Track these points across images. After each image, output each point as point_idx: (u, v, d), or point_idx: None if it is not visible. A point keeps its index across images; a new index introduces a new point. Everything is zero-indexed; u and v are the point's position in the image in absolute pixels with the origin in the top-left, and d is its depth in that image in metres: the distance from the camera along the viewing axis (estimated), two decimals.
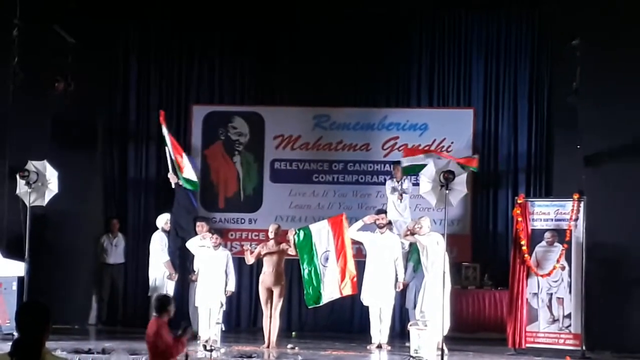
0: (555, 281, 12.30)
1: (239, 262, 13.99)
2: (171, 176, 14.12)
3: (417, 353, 11.27)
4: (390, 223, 13.21)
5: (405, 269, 13.01)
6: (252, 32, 15.58)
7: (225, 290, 12.84)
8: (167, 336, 8.38)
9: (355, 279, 12.41)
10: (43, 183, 12.60)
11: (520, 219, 12.46)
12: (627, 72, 12.70)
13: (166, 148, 13.89)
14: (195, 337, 10.99)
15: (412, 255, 13.15)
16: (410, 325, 11.80)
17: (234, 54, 15.80)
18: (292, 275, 14.12)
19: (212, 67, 15.89)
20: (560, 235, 12.33)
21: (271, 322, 12.43)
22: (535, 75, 15.24)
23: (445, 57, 15.52)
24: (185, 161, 13.65)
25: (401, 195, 14.01)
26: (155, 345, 8.38)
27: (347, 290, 12.41)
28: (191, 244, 13.29)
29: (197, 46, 15.88)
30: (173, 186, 14.12)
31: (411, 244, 13.01)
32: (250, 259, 12.69)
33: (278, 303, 12.46)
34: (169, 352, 8.41)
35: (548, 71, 15.07)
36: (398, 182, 14.15)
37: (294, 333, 14.35)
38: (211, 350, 10.33)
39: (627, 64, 12.72)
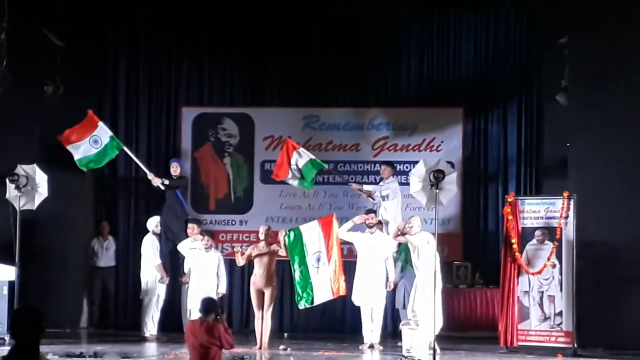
0: (546, 279, 12.33)
1: (230, 263, 13.98)
2: (152, 177, 14.15)
3: (409, 352, 11.28)
4: (380, 223, 13.21)
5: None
6: (240, 34, 15.56)
7: (216, 293, 12.84)
8: (222, 332, 8.38)
9: (344, 281, 12.40)
10: (33, 187, 12.57)
11: (510, 217, 12.48)
12: (615, 69, 12.75)
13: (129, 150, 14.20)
14: None
15: (400, 255, 13.16)
16: (402, 325, 11.81)
17: (222, 56, 15.79)
18: (283, 277, 14.11)
19: (201, 68, 15.87)
20: (550, 233, 12.36)
21: (263, 323, 12.42)
22: (524, 74, 15.27)
23: (435, 57, 15.53)
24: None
25: (383, 196, 13.93)
26: (206, 345, 8.34)
27: (340, 291, 12.41)
28: (182, 247, 13.30)
29: (186, 48, 15.87)
30: (161, 188, 14.16)
31: (399, 244, 13.02)
32: (240, 261, 12.67)
33: (269, 304, 12.45)
34: (228, 344, 8.44)
35: (537, 70, 15.10)
36: (384, 182, 14.12)
37: (285, 334, 14.36)
38: None
39: (615, 62, 12.77)
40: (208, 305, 8.75)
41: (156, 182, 14.24)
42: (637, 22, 12.83)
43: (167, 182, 14.32)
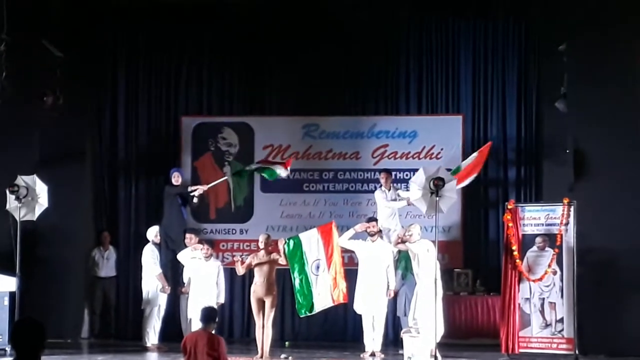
0: (547, 286, 12.33)
1: (231, 272, 13.98)
2: (199, 190, 14.36)
3: None
4: (381, 231, 13.21)
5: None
6: (240, 43, 15.58)
7: (216, 302, 12.83)
8: (223, 347, 8.41)
9: (345, 289, 12.41)
10: (33, 197, 12.58)
11: (510, 224, 12.49)
12: (614, 76, 12.76)
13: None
14: None
15: (400, 262, 13.17)
16: (404, 333, 11.81)
17: (222, 65, 15.81)
18: (284, 285, 14.10)
19: (200, 78, 15.88)
20: (551, 240, 12.37)
21: (264, 332, 12.40)
22: (523, 81, 15.27)
23: (434, 64, 15.54)
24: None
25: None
26: (206, 357, 8.36)
27: (339, 298, 12.41)
28: (182, 256, 13.29)
29: (185, 57, 15.87)
30: (195, 200, 14.35)
31: (399, 251, 13.03)
32: (240, 270, 12.66)
33: (270, 313, 12.43)
34: None
35: (536, 77, 15.09)
36: (388, 190, 14.14)
37: (287, 343, 14.37)
38: None
39: (614, 68, 12.78)
40: (208, 314, 8.78)
41: (198, 191, 14.43)
42: (636, 27, 12.85)
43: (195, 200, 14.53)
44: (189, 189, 14.47)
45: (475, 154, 14.07)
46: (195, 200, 14.45)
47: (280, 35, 15.45)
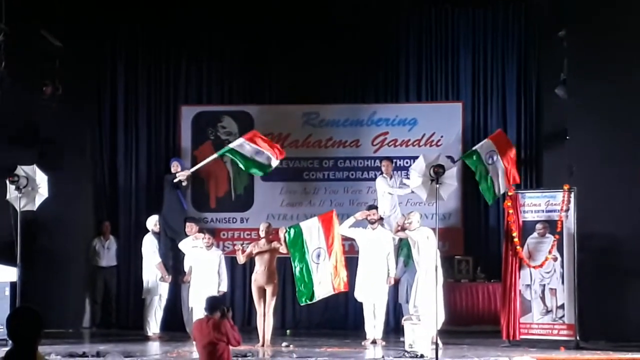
0: (548, 272, 12.34)
1: (232, 261, 13.98)
2: (182, 174, 14.17)
3: (411, 348, 11.28)
4: (381, 219, 13.22)
5: (396, 264, 13.02)
6: (239, 31, 15.55)
7: (217, 291, 12.83)
8: (229, 328, 8.48)
9: (346, 277, 12.40)
10: (33, 187, 12.56)
11: (511, 211, 12.49)
12: (614, 61, 12.74)
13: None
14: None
15: (402, 250, 13.17)
16: (405, 320, 11.82)
17: (221, 54, 15.78)
18: (285, 274, 14.11)
19: (199, 67, 15.86)
20: (551, 226, 12.37)
21: (265, 320, 12.44)
22: (523, 67, 15.25)
23: (433, 52, 15.51)
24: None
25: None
26: (214, 342, 8.44)
27: (340, 287, 12.41)
28: (184, 245, 13.29)
29: (185, 47, 15.84)
30: (184, 183, 14.22)
31: (400, 239, 13.03)
32: (241, 259, 12.69)
33: (271, 301, 12.47)
34: (236, 341, 8.61)
35: (536, 63, 15.08)
36: (390, 178, 14.17)
37: (288, 331, 14.39)
38: None
39: (614, 54, 12.76)
40: (213, 303, 8.87)
41: (182, 176, 14.25)
42: (636, 14, 12.83)
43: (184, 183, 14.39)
44: (177, 174, 14.29)
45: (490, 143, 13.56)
46: (184, 183, 14.29)
47: (280, 23, 15.42)
